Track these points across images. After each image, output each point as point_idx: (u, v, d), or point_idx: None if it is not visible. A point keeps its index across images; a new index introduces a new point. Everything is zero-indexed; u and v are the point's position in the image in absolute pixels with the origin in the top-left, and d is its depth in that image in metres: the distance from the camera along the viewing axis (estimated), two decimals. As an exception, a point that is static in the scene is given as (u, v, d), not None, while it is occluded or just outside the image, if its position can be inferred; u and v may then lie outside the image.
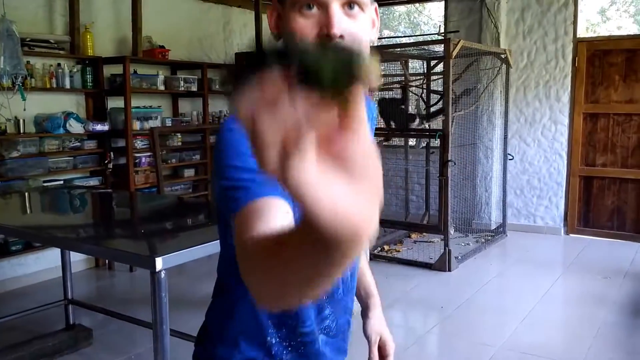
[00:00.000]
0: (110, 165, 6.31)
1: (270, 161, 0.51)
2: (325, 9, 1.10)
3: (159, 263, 2.45)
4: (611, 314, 4.97)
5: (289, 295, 0.75)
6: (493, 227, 7.84)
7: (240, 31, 8.18)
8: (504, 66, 7.35)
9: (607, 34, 7.79)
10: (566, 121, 7.54)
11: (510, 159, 7.65)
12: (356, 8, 1.13)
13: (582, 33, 7.55)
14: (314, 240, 0.56)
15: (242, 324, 1.34)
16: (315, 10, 1.11)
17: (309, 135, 0.50)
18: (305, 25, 1.11)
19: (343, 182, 0.52)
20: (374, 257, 6.43)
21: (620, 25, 8.17)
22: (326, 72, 0.48)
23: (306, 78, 0.48)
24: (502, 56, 7.20)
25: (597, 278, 5.89)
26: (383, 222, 6.97)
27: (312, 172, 0.51)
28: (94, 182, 6.27)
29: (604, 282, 5.78)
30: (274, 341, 1.33)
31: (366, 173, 0.53)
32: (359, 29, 1.14)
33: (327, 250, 0.57)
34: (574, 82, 7.48)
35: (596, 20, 8.10)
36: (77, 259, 5.76)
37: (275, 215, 1.00)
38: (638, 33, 7.64)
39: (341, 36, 1.10)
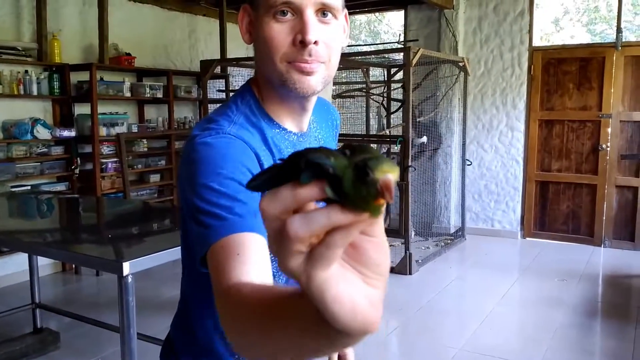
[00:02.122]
0: (77, 171, 6.33)
1: (293, 266, 0.53)
2: (300, 15, 1.09)
3: (126, 268, 2.46)
4: (567, 316, 5.06)
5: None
6: (452, 231, 7.93)
7: (205, 39, 8.22)
8: (462, 74, 7.45)
9: (561, 43, 7.98)
10: (522, 128, 7.68)
11: (468, 165, 7.75)
12: (329, 15, 1.12)
13: (537, 42, 7.69)
14: (318, 333, 0.59)
15: (201, 344, 1.30)
16: (289, 16, 1.09)
17: (336, 244, 0.52)
18: (280, 31, 1.10)
19: (361, 281, 0.54)
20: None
21: (573, 34, 8.35)
22: (354, 189, 0.51)
23: (336, 191, 0.52)
24: (460, 64, 7.30)
25: (553, 280, 6.01)
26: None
27: (335, 278, 0.53)
28: (61, 187, 6.26)
29: (559, 285, 5.89)
30: None
31: (380, 272, 0.55)
32: (332, 35, 1.13)
33: (332, 341, 0.59)
34: (529, 90, 7.62)
35: (550, 30, 8.28)
36: (44, 263, 5.76)
37: (256, 260, 0.94)
38: (591, 42, 7.84)
39: (316, 42, 1.09)
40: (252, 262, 0.93)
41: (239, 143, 1.10)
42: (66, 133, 6.19)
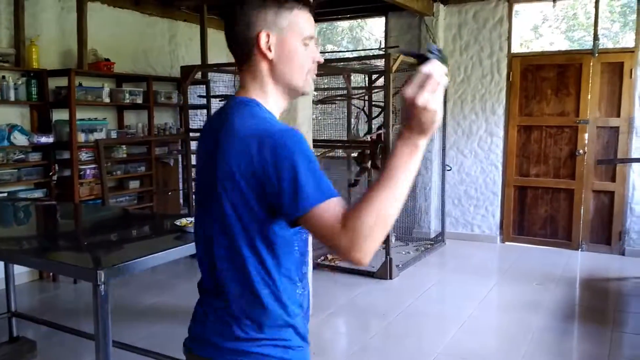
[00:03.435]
0: (55, 178, 6.27)
1: (425, 96, 1.20)
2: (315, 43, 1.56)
3: (101, 275, 2.42)
4: (544, 319, 5.10)
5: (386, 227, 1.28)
6: (432, 235, 7.98)
7: (185, 45, 8.21)
8: (441, 80, 7.48)
9: (539, 49, 8.05)
10: (501, 133, 7.75)
11: (448, 170, 7.83)
12: None
13: (516, 49, 7.77)
14: (413, 143, 1.26)
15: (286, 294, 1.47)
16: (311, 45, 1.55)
17: (440, 88, 1.22)
18: (307, 54, 1.53)
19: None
20: (317, 266, 6.43)
21: (552, 41, 8.42)
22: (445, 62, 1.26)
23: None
24: (440, 71, 7.33)
25: (531, 284, 6.06)
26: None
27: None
28: (38, 194, 6.19)
29: (537, 289, 5.94)
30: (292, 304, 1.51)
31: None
32: None
33: (419, 145, 1.27)
34: (508, 96, 7.70)
35: (529, 37, 8.35)
36: (20, 271, 5.68)
37: None
38: (569, 49, 7.91)
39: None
40: None
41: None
42: (44, 139, 6.13)
